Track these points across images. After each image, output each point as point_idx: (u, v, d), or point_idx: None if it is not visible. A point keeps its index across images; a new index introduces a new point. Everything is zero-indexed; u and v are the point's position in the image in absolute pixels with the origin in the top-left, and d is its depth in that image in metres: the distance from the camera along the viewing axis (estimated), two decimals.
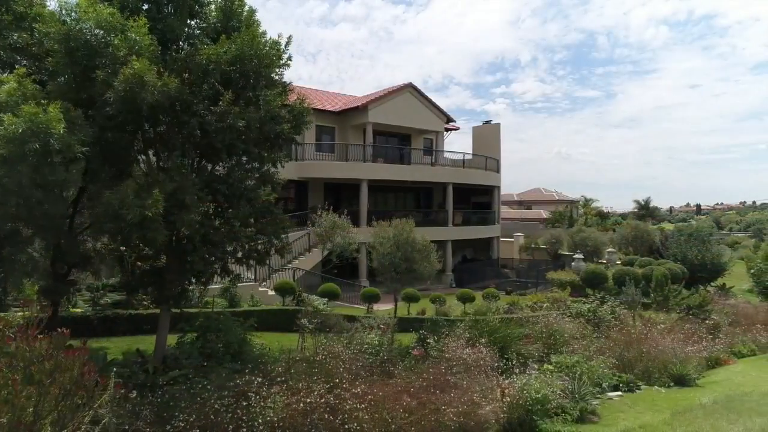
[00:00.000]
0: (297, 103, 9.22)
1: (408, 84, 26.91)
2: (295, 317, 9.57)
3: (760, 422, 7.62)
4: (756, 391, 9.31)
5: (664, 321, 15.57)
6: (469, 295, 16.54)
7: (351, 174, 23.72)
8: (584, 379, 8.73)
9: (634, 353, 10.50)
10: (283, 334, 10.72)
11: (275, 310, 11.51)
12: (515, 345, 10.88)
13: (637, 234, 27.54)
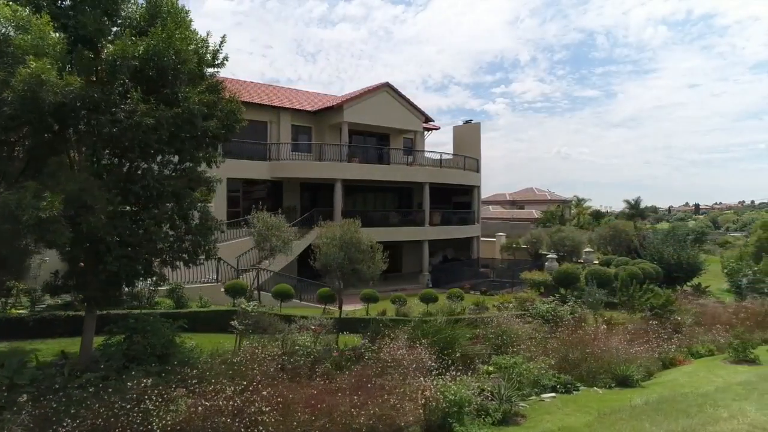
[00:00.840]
0: (227, 102, 9.08)
1: (384, 83, 26.81)
2: (229, 318, 9.46)
3: (684, 424, 7.52)
4: (693, 393, 9.21)
5: (625, 321, 15.55)
6: (431, 296, 16.45)
7: (325, 174, 23.62)
8: (514, 381, 8.64)
9: (578, 354, 10.39)
10: (223, 336, 10.61)
11: (206, 312, 11.35)
12: (460, 346, 10.82)
13: (615, 234, 27.40)
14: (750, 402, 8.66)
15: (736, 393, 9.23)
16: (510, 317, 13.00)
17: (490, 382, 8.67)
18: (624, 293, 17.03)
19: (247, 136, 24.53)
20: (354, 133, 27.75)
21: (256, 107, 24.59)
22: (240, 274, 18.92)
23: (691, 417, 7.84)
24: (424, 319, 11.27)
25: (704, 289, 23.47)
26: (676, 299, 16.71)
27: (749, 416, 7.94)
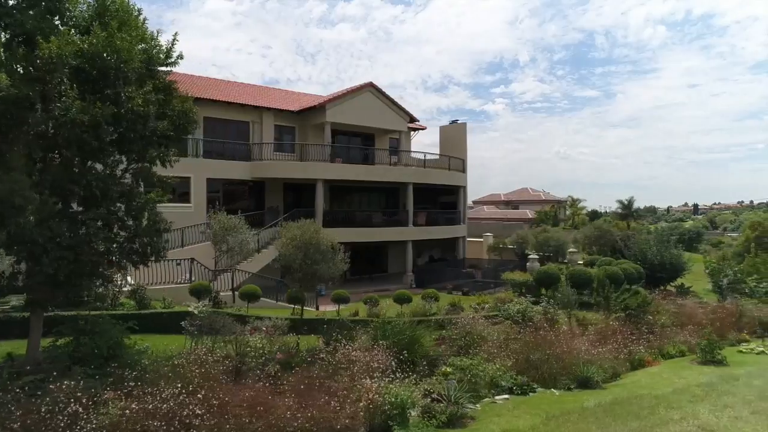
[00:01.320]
0: (179, 101, 8.99)
1: (368, 83, 26.74)
2: (183, 319, 9.37)
3: (632, 426, 7.44)
4: (650, 394, 9.14)
5: (598, 321, 15.48)
6: (406, 296, 16.36)
7: (306, 174, 23.53)
8: (466, 383, 8.56)
9: (539, 355, 10.30)
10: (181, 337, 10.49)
11: (158, 313, 11.21)
12: (421, 347, 10.73)
13: (600, 234, 27.35)
14: (705, 403, 8.59)
15: (693, 394, 9.16)
16: (478, 318, 12.93)
17: (446, 383, 8.57)
18: (599, 293, 16.96)
19: (229, 137, 24.51)
20: (338, 133, 27.69)
21: (238, 107, 24.52)
22: (217, 274, 18.83)
23: (640, 419, 7.77)
24: (387, 321, 11.17)
25: (687, 289, 23.43)
26: (653, 300, 16.61)
27: (701, 418, 7.87)
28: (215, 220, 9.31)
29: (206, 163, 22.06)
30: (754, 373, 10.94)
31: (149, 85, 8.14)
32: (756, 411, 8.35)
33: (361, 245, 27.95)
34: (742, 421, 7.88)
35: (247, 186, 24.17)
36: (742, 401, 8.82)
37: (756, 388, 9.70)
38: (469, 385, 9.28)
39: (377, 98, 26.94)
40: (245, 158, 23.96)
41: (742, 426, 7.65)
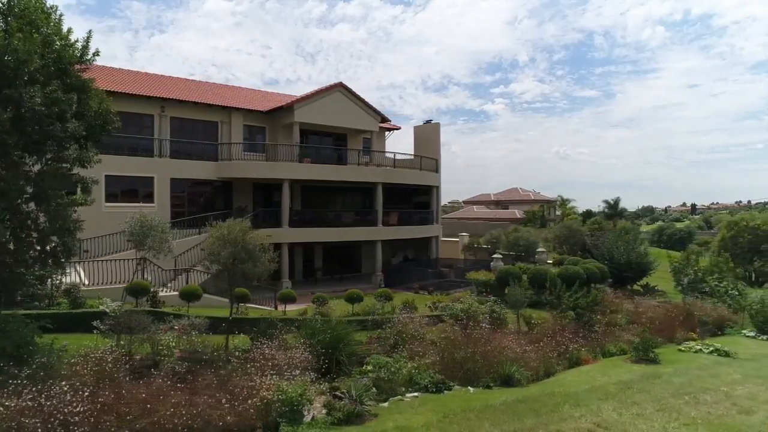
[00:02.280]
0: (96, 102, 9.01)
1: (338, 83, 26.76)
2: (97, 318, 9.39)
3: (528, 423, 7.49)
4: (563, 392, 9.21)
5: (545, 320, 15.54)
6: (357, 295, 16.38)
7: (272, 174, 23.52)
8: (381, 381, 8.63)
9: (462, 354, 10.35)
10: None
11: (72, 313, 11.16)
12: (349, 346, 10.78)
13: (570, 234, 27.43)
14: (613, 401, 8.65)
15: (606, 392, 9.21)
16: (415, 317, 13.01)
17: (352, 382, 8.62)
18: (551, 293, 17.02)
19: (197, 137, 24.50)
20: (310, 132, 27.73)
21: (206, 107, 24.53)
22: (177, 274, 18.86)
23: (539, 416, 7.82)
24: (312, 320, 11.22)
25: (653, 288, 23.52)
26: (602, 299, 16.69)
27: (601, 415, 7.93)
28: (134, 220, 9.30)
29: (170, 162, 22.07)
30: (680, 371, 11.01)
31: (54, 84, 8.15)
32: (662, 408, 8.42)
33: (333, 245, 28.01)
34: (644, 417, 7.94)
35: (214, 186, 24.16)
36: (653, 398, 8.89)
37: (674, 386, 9.78)
38: (386, 383, 9.37)
39: (347, 98, 26.96)
40: (214, 158, 23.96)
41: (641, 422, 7.71)
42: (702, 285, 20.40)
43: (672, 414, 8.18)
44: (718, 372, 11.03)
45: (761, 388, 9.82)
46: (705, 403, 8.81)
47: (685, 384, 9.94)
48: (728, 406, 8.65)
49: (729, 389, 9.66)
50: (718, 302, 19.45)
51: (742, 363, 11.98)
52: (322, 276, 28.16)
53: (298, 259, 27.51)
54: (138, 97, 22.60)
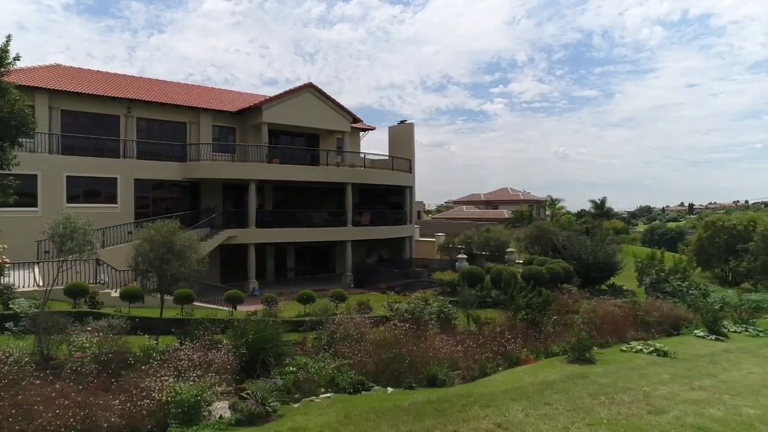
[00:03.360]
0: (8, 105, 9.00)
1: (308, 84, 26.80)
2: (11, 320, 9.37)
3: (427, 424, 7.50)
4: (479, 392, 9.23)
5: (493, 319, 15.58)
6: (309, 296, 16.39)
7: (238, 174, 23.54)
8: (280, 382, 8.63)
9: (388, 354, 10.35)
10: None
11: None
12: (277, 347, 10.77)
13: (540, 234, 27.46)
14: (525, 401, 8.64)
15: (523, 392, 9.21)
16: (357, 318, 12.99)
17: (261, 383, 8.63)
18: (504, 293, 17.05)
19: (165, 137, 24.50)
20: (282, 133, 27.76)
21: (173, 108, 24.51)
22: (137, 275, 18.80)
23: (442, 417, 7.82)
24: (243, 320, 11.21)
25: (620, 288, 23.57)
26: (554, 299, 16.73)
27: (507, 416, 7.93)
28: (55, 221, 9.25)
29: (134, 163, 22.05)
30: (610, 371, 11.00)
31: None
32: (574, 408, 8.42)
33: (306, 246, 28.03)
34: (550, 418, 7.94)
35: (181, 187, 24.14)
36: (569, 399, 8.88)
37: (596, 386, 9.76)
38: (306, 384, 9.38)
39: (318, 99, 26.97)
40: (182, 159, 23.95)
41: (545, 422, 7.69)
42: (664, 285, 20.43)
43: (580, 414, 8.18)
44: (647, 372, 11.03)
45: (684, 388, 9.83)
46: (620, 403, 8.81)
47: (608, 384, 9.94)
48: (642, 406, 8.65)
49: (651, 389, 9.66)
50: (679, 302, 19.50)
51: (676, 363, 11.98)
52: (294, 276, 28.19)
53: (269, 260, 27.54)
54: (104, 98, 22.57)
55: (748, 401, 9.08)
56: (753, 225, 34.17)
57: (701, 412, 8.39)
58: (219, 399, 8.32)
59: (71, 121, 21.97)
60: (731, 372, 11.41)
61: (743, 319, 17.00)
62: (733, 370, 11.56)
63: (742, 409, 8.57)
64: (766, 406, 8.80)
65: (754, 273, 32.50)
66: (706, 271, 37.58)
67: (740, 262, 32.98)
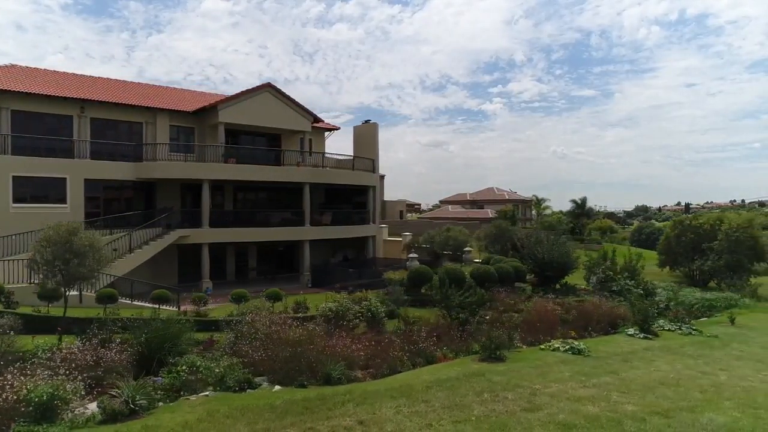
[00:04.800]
0: None
1: (266, 84, 26.83)
2: None
3: (286, 421, 7.54)
4: (360, 390, 9.27)
5: (421, 318, 15.66)
6: (242, 295, 16.42)
7: (192, 174, 23.56)
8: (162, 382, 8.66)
9: (286, 353, 10.39)
10: None
11: None
12: (178, 347, 10.80)
13: (499, 233, 27.52)
14: (404, 399, 8.67)
15: (409, 390, 9.24)
16: (273, 316, 13.02)
17: (139, 382, 8.65)
18: (438, 292, 17.09)
19: (121, 137, 24.47)
20: (242, 133, 27.79)
21: (128, 108, 24.50)
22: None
23: (308, 414, 7.85)
24: (150, 319, 11.22)
25: (572, 287, 23.66)
26: (489, 298, 16.81)
27: (376, 413, 7.97)
28: None
29: (85, 163, 22.03)
30: (513, 369, 11.04)
31: None
32: (451, 405, 8.44)
33: (269, 245, 28.05)
34: (420, 415, 7.95)
35: (134, 187, 24.13)
36: (452, 396, 8.89)
37: (487, 384, 9.78)
38: (195, 383, 9.42)
39: (277, 99, 26.99)
40: (139, 159, 23.94)
41: (410, 419, 7.73)
42: (611, 284, 20.52)
43: (454, 411, 8.22)
44: (550, 370, 11.08)
45: (577, 386, 9.88)
46: (501, 400, 8.85)
47: (501, 382, 9.98)
48: (521, 404, 8.68)
49: (541, 387, 9.70)
50: (625, 301, 19.60)
51: (585, 361, 12.03)
52: (257, 276, 28.22)
53: (230, 260, 27.56)
54: (56, 98, 22.56)
55: (634, 398, 9.14)
56: (719, 224, 34.32)
57: (578, 410, 8.42)
58: (93, 398, 8.37)
59: (22, 122, 21.94)
60: (637, 370, 11.48)
61: (679, 318, 17.12)
62: (640, 368, 11.63)
63: (622, 406, 8.62)
64: (648, 404, 8.84)
65: (718, 272, 32.69)
66: (675, 270, 37.70)
67: (705, 261, 33.11)
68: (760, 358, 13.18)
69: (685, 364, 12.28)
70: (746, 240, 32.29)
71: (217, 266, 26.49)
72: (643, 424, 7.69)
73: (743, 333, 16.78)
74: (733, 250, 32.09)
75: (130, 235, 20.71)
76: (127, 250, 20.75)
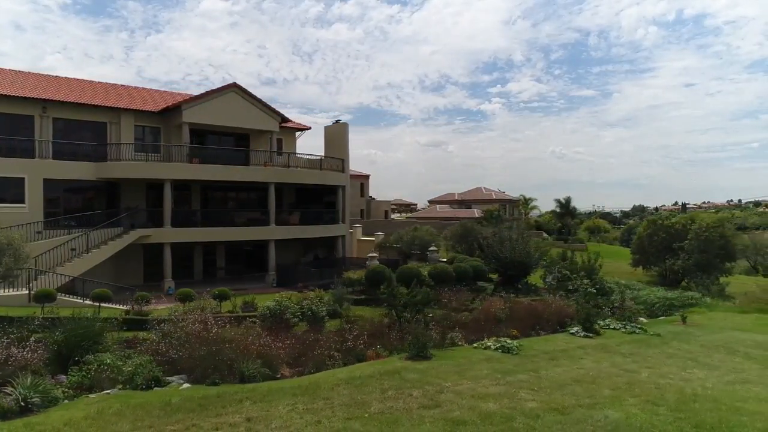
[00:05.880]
0: None
1: (232, 84, 26.89)
2: None
3: (175, 418, 7.62)
4: (264, 389, 9.36)
5: (363, 317, 15.76)
6: (188, 295, 16.48)
7: (154, 174, 23.59)
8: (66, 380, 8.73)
9: (203, 351, 10.46)
10: None
11: None
12: (96, 345, 10.87)
13: (464, 232, 27.64)
14: (305, 397, 8.77)
15: (315, 388, 9.33)
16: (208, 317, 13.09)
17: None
18: (384, 290, 17.21)
19: (85, 138, 24.43)
20: (209, 133, 27.83)
21: (92, 108, 24.51)
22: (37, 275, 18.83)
23: (200, 412, 7.92)
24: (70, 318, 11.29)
25: (532, 286, 23.79)
26: (434, 297, 16.91)
27: (269, 411, 8.05)
28: None
29: (43, 163, 22.04)
30: (432, 367, 11.08)
31: None
32: (350, 403, 8.50)
33: (238, 245, 28.08)
34: (313, 412, 8.01)
35: (97, 187, 24.13)
36: (356, 393, 8.96)
37: (400, 381, 9.85)
38: (101, 381, 9.51)
39: (243, 99, 27.04)
40: (103, 159, 23.94)
41: (303, 417, 7.79)
42: (567, 283, 20.65)
43: (350, 409, 8.29)
44: (471, 368, 11.13)
45: (490, 383, 9.95)
46: (404, 397, 8.92)
47: (413, 380, 10.05)
48: (422, 401, 8.74)
49: (451, 385, 9.76)
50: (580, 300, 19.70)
51: (511, 359, 12.10)
52: (225, 275, 28.26)
53: (197, 259, 27.60)
54: (17, 98, 22.57)
55: (541, 396, 9.19)
56: (691, 223, 34.51)
57: (477, 406, 8.49)
58: None
59: None
60: (559, 368, 11.51)
61: (625, 317, 17.24)
62: (563, 366, 11.67)
63: (523, 404, 8.66)
64: (551, 401, 8.86)
65: (689, 272, 32.87)
66: (650, 270, 37.87)
67: (676, 260, 33.29)
68: (693, 356, 13.25)
69: (612, 362, 12.34)
70: (716, 239, 32.48)
71: (184, 266, 26.54)
72: (535, 421, 7.75)
73: (689, 332, 16.88)
74: (703, 250, 32.29)
75: (87, 235, 20.73)
76: (84, 250, 20.76)
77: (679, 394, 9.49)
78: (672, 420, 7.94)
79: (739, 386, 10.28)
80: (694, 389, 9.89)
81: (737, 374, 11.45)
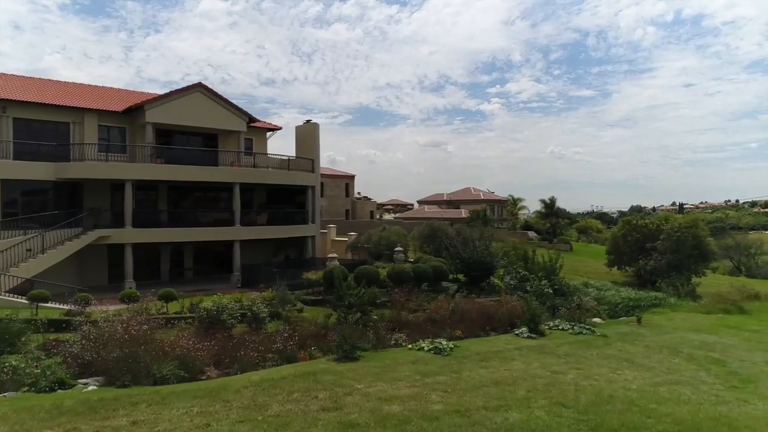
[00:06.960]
0: None
1: (197, 84, 26.81)
2: None
3: (59, 421, 7.55)
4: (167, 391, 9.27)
5: (306, 318, 15.70)
6: (131, 295, 16.40)
7: (114, 174, 23.51)
8: None
9: (116, 353, 10.38)
10: None
11: None
12: (12, 346, 10.80)
13: (431, 233, 27.59)
14: (205, 399, 8.68)
15: (222, 390, 9.23)
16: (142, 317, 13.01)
17: None
18: (332, 291, 17.15)
19: (47, 138, 24.29)
20: (176, 132, 27.73)
21: (54, 108, 24.40)
22: None
23: (88, 414, 7.85)
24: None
25: (495, 287, 23.73)
26: (380, 298, 16.85)
27: (160, 414, 7.97)
28: None
29: (1, 164, 21.90)
30: (352, 369, 10.98)
31: None
32: (250, 406, 8.42)
33: (205, 245, 27.99)
34: (206, 415, 7.92)
35: (57, 188, 23.98)
36: (260, 396, 8.89)
37: (312, 383, 9.76)
38: (12, 383, 9.44)
39: (209, 99, 26.96)
40: (66, 159, 23.83)
41: (194, 419, 7.70)
42: (525, 284, 20.61)
43: (246, 411, 8.22)
44: (392, 370, 11.01)
45: (404, 385, 9.86)
46: (307, 400, 8.84)
47: (327, 382, 9.96)
48: (325, 404, 8.63)
49: (364, 386, 9.69)
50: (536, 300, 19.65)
51: (438, 360, 11.98)
52: (193, 276, 28.17)
53: (164, 259, 27.51)
54: None
55: (452, 398, 9.12)
56: (664, 223, 34.51)
57: (379, 409, 8.42)
58: None
59: None
60: (485, 369, 11.41)
61: (574, 318, 17.17)
62: (491, 368, 11.56)
63: (428, 406, 8.59)
64: (458, 403, 8.76)
65: (662, 272, 32.85)
66: (627, 270, 37.83)
67: (648, 260, 33.29)
68: (630, 357, 13.16)
69: (543, 363, 12.24)
70: (688, 240, 32.48)
71: (150, 266, 26.46)
72: (431, 423, 7.69)
73: (639, 332, 16.80)
74: (675, 250, 32.30)
75: (43, 236, 20.62)
76: (40, 251, 20.65)
77: (595, 396, 9.41)
78: (572, 422, 7.89)
79: (665, 388, 10.22)
80: (613, 391, 9.83)
81: (669, 375, 11.40)
